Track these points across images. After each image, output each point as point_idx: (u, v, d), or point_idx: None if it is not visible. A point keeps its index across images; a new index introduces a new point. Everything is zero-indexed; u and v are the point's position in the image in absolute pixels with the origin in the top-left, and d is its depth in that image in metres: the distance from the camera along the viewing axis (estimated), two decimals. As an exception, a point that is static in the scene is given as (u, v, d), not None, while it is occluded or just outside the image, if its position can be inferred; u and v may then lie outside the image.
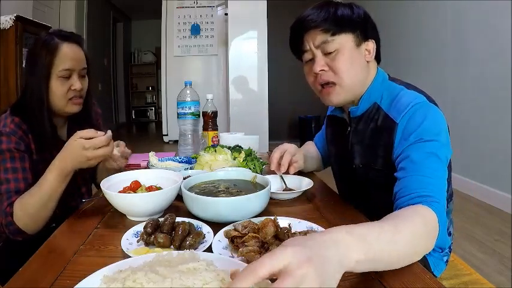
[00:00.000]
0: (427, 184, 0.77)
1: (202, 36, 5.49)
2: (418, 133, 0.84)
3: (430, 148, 0.82)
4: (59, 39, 1.10)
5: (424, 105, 0.88)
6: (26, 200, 0.98)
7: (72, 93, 1.12)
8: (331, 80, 0.95)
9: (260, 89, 4.42)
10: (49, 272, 0.63)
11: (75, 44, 1.13)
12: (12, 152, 1.03)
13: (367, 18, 0.96)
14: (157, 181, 0.99)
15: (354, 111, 1.00)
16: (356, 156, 1.02)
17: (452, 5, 3.30)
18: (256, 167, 1.21)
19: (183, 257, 0.57)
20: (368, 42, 0.96)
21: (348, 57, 0.93)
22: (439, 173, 0.80)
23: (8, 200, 0.99)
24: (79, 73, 1.13)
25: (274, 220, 0.72)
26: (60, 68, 1.08)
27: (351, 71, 0.94)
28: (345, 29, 0.92)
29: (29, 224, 0.98)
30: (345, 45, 0.93)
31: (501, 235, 2.33)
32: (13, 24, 3.01)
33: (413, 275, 0.62)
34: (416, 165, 0.81)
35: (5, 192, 1.01)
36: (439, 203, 0.74)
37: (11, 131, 1.04)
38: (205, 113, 1.54)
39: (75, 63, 1.11)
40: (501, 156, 2.75)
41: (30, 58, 1.11)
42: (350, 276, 0.61)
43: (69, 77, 1.11)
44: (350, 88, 0.96)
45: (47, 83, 1.08)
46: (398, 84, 0.98)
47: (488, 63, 2.90)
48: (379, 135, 0.95)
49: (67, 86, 1.11)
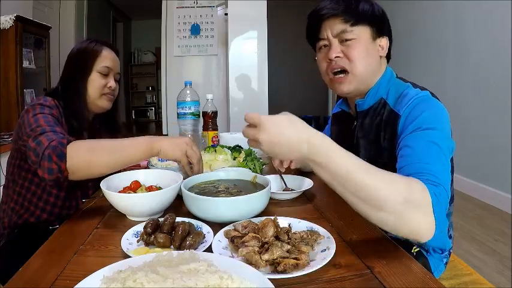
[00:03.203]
0: (427, 169, 0.74)
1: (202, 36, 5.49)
2: (418, 122, 0.85)
3: (429, 137, 0.81)
4: (101, 44, 1.27)
5: (427, 99, 0.90)
6: (93, 142, 0.98)
7: (107, 90, 1.27)
8: (345, 66, 0.97)
9: (260, 89, 4.42)
10: (49, 272, 0.63)
11: (114, 52, 1.31)
12: (55, 117, 1.10)
13: (384, 15, 1.00)
14: (157, 181, 0.99)
15: (361, 104, 1.02)
16: (362, 150, 1.03)
17: (453, 4, 3.30)
18: (256, 167, 1.21)
19: (183, 257, 0.56)
20: (382, 38, 1.00)
21: (364, 47, 0.96)
22: (441, 160, 0.77)
23: (55, 135, 0.95)
24: (114, 76, 1.30)
25: (274, 220, 0.72)
26: (101, 65, 1.24)
27: (365, 60, 0.97)
28: (364, 21, 0.96)
29: (82, 163, 0.90)
30: (362, 37, 0.96)
31: (501, 235, 2.33)
32: (13, 24, 3.00)
33: (413, 275, 0.61)
34: (416, 153, 0.79)
35: (50, 131, 0.97)
36: (437, 186, 0.70)
37: (52, 105, 1.13)
38: (205, 113, 1.54)
39: (114, 64, 1.28)
40: (501, 156, 2.75)
41: (75, 55, 1.25)
42: (350, 276, 0.61)
43: (107, 75, 1.26)
44: (362, 77, 0.98)
45: (90, 73, 1.23)
46: (405, 82, 1.00)
47: (488, 63, 2.90)
48: (384, 128, 0.96)
49: (104, 82, 1.25)
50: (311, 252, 0.67)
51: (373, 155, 0.99)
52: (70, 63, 1.25)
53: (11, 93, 3.04)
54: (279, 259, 0.62)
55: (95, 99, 1.25)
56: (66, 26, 5.00)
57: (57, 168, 0.88)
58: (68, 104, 1.20)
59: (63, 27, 4.95)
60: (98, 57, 1.24)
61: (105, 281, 0.51)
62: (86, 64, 1.23)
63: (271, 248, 0.64)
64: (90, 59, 1.23)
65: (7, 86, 3.03)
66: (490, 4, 2.84)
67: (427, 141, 0.81)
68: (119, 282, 0.49)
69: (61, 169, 0.88)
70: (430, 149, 0.79)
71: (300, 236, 0.71)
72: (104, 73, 1.25)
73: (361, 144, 1.03)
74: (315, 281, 0.60)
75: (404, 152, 0.83)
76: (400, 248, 0.72)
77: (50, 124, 1.02)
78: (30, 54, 3.32)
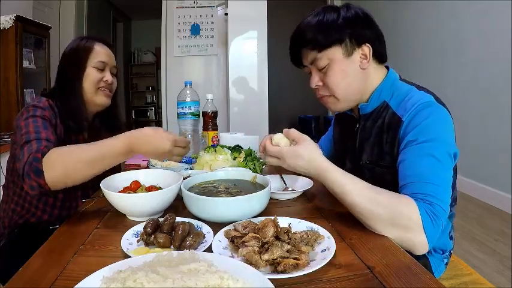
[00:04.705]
0: (423, 189, 0.79)
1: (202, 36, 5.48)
2: (418, 131, 0.85)
3: (428, 150, 0.82)
4: (93, 40, 1.25)
5: (430, 105, 0.88)
6: (69, 149, 0.91)
7: (103, 84, 1.24)
8: (326, 94, 0.99)
9: (260, 89, 4.42)
10: (49, 272, 0.63)
11: (107, 46, 1.28)
12: (45, 119, 1.08)
13: (357, 21, 0.93)
14: (157, 181, 0.99)
15: (364, 108, 1.02)
16: (363, 153, 1.03)
17: (450, 5, 3.30)
18: (256, 167, 1.21)
19: (183, 257, 0.56)
20: (362, 47, 0.94)
21: (338, 70, 0.94)
22: (439, 174, 0.81)
23: (37, 144, 0.94)
24: (111, 70, 1.27)
25: (274, 220, 0.72)
26: (95, 60, 1.22)
27: (343, 84, 0.96)
28: (331, 42, 0.93)
29: (58, 175, 0.88)
30: (335, 59, 0.94)
31: (501, 235, 2.33)
32: (13, 24, 3.00)
33: (413, 275, 0.61)
34: (413, 171, 0.82)
35: (34, 139, 0.97)
36: (432, 205, 0.76)
37: (46, 107, 1.11)
38: (205, 113, 1.53)
39: (108, 58, 1.25)
40: (501, 156, 2.75)
41: (69, 54, 1.23)
42: (350, 276, 0.61)
43: (103, 70, 1.24)
44: (346, 99, 0.99)
45: (84, 69, 1.20)
46: (409, 84, 0.98)
47: (487, 63, 2.90)
48: (386, 132, 0.96)
49: (100, 76, 1.23)
50: (311, 252, 0.67)
51: (375, 158, 0.99)
52: (64, 63, 1.24)
53: (11, 93, 3.03)
54: (279, 259, 0.62)
55: (92, 96, 1.22)
56: (66, 26, 4.99)
57: (36, 185, 0.87)
58: (65, 103, 1.18)
59: (63, 27, 4.94)
60: (91, 53, 1.21)
61: (105, 281, 0.51)
62: (80, 62, 1.20)
63: (271, 248, 0.64)
64: (84, 56, 1.21)
65: (7, 86, 3.03)
66: (488, 4, 2.84)
67: (426, 155, 0.82)
68: (119, 282, 0.49)
69: (40, 184, 0.87)
70: (428, 165, 0.81)
71: (300, 236, 0.71)
72: (99, 68, 1.22)
73: (364, 147, 1.02)
74: (315, 281, 0.60)
75: (403, 167, 0.86)
76: (400, 248, 0.72)
77: (36, 130, 1.00)
78: (30, 54, 3.32)
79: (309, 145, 0.86)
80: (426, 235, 0.75)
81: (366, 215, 0.78)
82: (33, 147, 0.93)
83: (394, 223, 0.75)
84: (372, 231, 0.78)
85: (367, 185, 0.81)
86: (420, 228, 0.75)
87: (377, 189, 0.80)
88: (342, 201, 0.83)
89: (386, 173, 0.95)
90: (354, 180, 0.82)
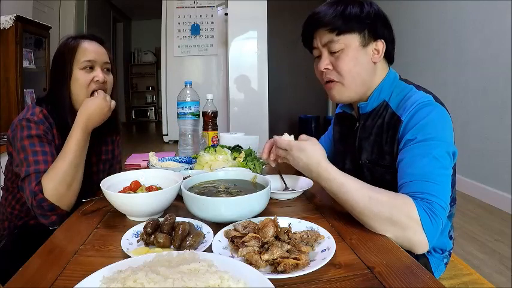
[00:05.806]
0: (422, 188, 0.79)
1: (202, 36, 5.49)
2: (417, 129, 0.86)
3: (427, 149, 0.83)
4: (79, 38, 1.16)
5: (429, 104, 0.88)
6: (52, 169, 0.98)
7: (96, 85, 1.14)
8: (334, 79, 0.97)
9: (260, 89, 4.42)
10: (49, 272, 0.63)
11: (95, 41, 1.17)
12: (41, 138, 1.05)
13: (378, 17, 0.95)
14: (157, 181, 0.99)
15: (363, 107, 1.02)
16: (363, 152, 1.03)
17: (452, 5, 3.30)
18: (256, 167, 1.21)
19: (183, 257, 0.56)
20: (377, 42, 0.96)
21: (352, 57, 0.94)
22: (437, 173, 0.81)
23: (36, 180, 0.97)
24: (102, 67, 1.16)
25: (274, 220, 0.72)
26: (82, 60, 1.11)
27: (354, 71, 0.95)
28: (351, 29, 0.93)
29: (61, 193, 0.96)
30: (350, 45, 0.94)
31: (501, 235, 2.32)
32: (13, 24, 3.00)
33: (413, 275, 0.61)
34: (412, 170, 0.83)
35: (33, 172, 0.98)
36: (431, 203, 0.77)
37: (39, 120, 1.07)
38: (205, 113, 1.53)
39: (96, 56, 1.14)
40: (501, 156, 2.75)
41: (55, 57, 1.16)
42: (350, 276, 0.61)
43: (92, 69, 1.14)
44: (352, 88, 0.97)
45: (70, 74, 1.12)
46: (409, 84, 0.99)
47: (488, 64, 2.90)
48: (385, 131, 0.96)
49: (90, 77, 1.13)
50: (311, 252, 0.67)
51: (375, 158, 0.99)
52: (52, 68, 1.17)
53: (11, 93, 3.04)
54: (279, 259, 0.62)
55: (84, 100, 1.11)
56: (66, 26, 4.99)
57: (57, 219, 0.97)
58: (54, 114, 1.12)
59: (63, 27, 4.94)
60: (77, 54, 1.11)
61: (105, 281, 0.51)
62: (64, 65, 1.11)
63: (271, 248, 0.64)
64: (68, 58, 1.11)
65: (7, 86, 3.03)
66: (489, 4, 2.84)
67: (425, 154, 0.82)
68: (119, 282, 0.49)
69: (62, 215, 0.97)
70: (427, 163, 0.82)
71: (300, 236, 0.71)
72: (87, 68, 1.12)
73: (363, 146, 1.02)
74: (315, 281, 0.60)
75: (402, 166, 0.86)
76: (400, 248, 0.72)
77: (35, 157, 1.01)
78: (30, 54, 3.32)
79: (315, 144, 0.89)
80: (425, 233, 0.75)
81: (365, 213, 0.78)
82: (32, 185, 0.96)
83: (393, 222, 0.76)
84: (372, 231, 0.78)
85: (365, 184, 0.81)
86: (419, 227, 0.75)
87: (375, 188, 0.81)
88: (340, 200, 0.83)
89: (386, 172, 0.96)
90: (352, 179, 0.83)
